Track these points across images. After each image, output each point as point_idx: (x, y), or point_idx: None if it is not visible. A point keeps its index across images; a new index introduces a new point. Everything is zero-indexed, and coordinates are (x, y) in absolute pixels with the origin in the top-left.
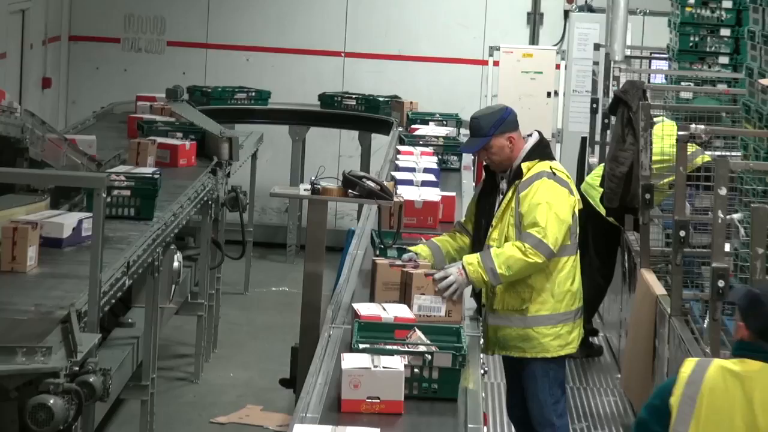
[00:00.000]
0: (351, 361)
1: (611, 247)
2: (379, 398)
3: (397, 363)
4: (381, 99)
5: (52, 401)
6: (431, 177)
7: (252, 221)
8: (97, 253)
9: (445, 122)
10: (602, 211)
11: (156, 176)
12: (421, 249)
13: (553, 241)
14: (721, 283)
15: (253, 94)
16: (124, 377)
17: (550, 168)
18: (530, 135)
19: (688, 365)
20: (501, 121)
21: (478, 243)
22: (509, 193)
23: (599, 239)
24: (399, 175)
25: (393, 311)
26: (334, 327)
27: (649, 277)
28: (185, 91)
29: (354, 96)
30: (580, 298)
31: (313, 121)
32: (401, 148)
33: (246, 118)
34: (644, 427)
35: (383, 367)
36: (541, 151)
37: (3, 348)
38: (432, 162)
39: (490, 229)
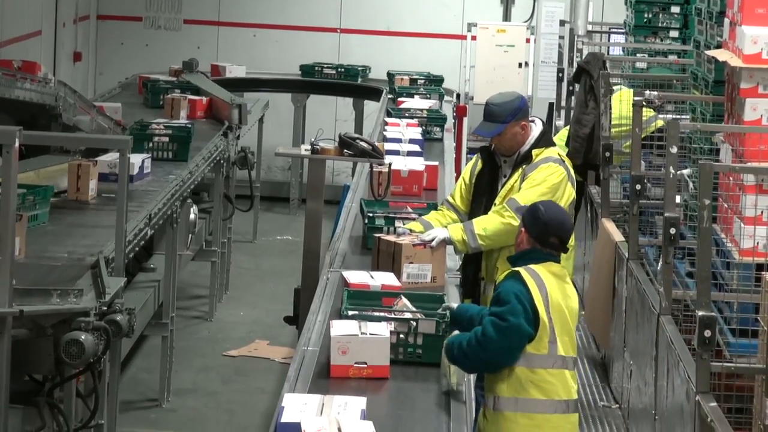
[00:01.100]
0: (339, 328)
1: (576, 199)
2: (366, 363)
3: (383, 329)
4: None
5: (83, 337)
6: (416, 147)
7: (259, 178)
8: (122, 206)
9: (428, 95)
10: None
11: (189, 126)
12: (414, 225)
13: None
14: (672, 231)
15: (342, 70)
16: (147, 316)
17: (558, 155)
18: (533, 121)
19: (524, 273)
20: (518, 110)
21: (475, 212)
22: (515, 176)
23: None
24: (387, 146)
25: (380, 279)
26: (331, 271)
27: (609, 225)
28: (198, 63)
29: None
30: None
31: (313, 89)
32: (389, 120)
33: (253, 87)
34: (518, 329)
35: (370, 334)
36: (548, 138)
37: (40, 290)
38: (417, 133)
39: (493, 207)
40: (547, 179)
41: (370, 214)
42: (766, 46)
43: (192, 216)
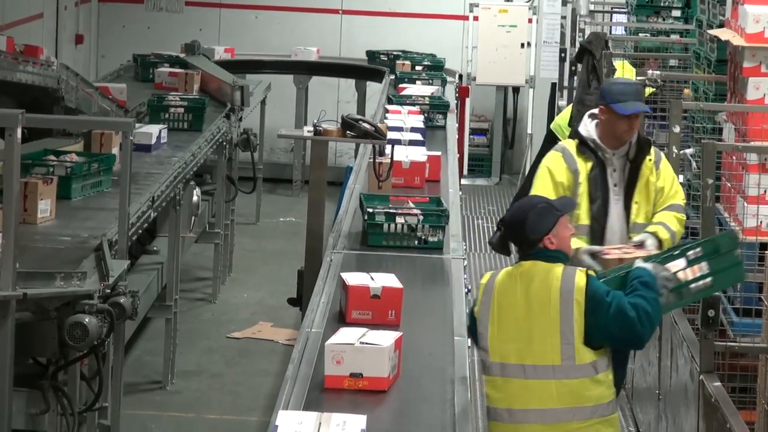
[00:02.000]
0: (334, 335)
1: None
2: (362, 375)
3: (381, 339)
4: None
5: (87, 320)
6: (418, 136)
7: (262, 160)
8: (125, 189)
9: (431, 81)
10: None
11: (203, 98)
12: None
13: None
14: None
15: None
16: (151, 298)
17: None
18: None
19: (485, 278)
20: None
21: (602, 217)
22: (646, 168)
23: None
24: (388, 135)
25: (381, 281)
26: (334, 252)
27: None
28: (201, 45)
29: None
30: None
31: (315, 70)
32: (389, 107)
33: (256, 69)
34: (470, 330)
35: (367, 343)
36: None
37: (43, 273)
38: (418, 121)
39: (635, 206)
40: (671, 169)
41: (370, 210)
42: None
43: (195, 198)
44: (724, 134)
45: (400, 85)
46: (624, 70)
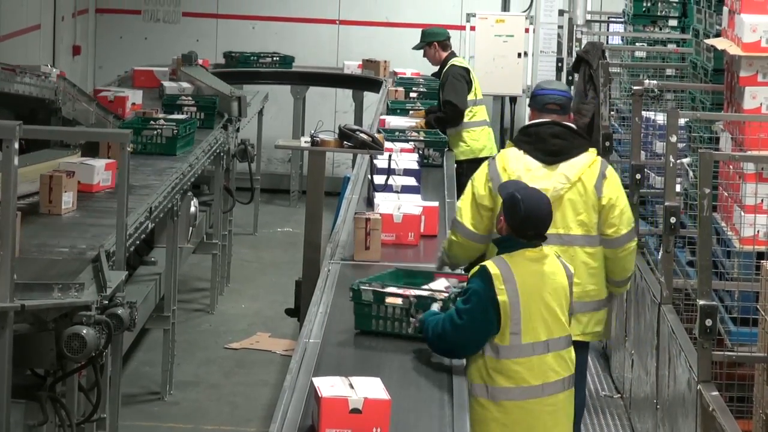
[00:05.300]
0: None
1: None
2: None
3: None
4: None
5: (84, 331)
6: (412, 180)
7: (259, 170)
8: (123, 199)
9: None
10: None
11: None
12: None
13: (465, 218)
14: (672, 220)
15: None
16: (148, 309)
17: None
18: None
19: (492, 268)
20: None
21: None
22: None
23: None
24: (376, 179)
25: (363, 390)
26: (332, 263)
27: None
28: (198, 56)
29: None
30: None
31: (312, 81)
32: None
33: (253, 79)
34: (468, 330)
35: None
36: None
37: (41, 284)
38: (412, 160)
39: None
40: None
41: (356, 288)
42: (765, 34)
43: (192, 209)
44: (721, 143)
45: (381, 117)
46: None
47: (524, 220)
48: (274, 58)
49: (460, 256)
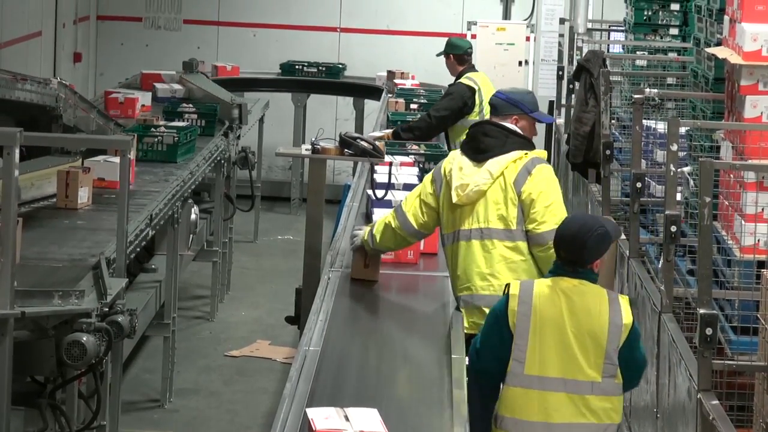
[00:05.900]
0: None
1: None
2: None
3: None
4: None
5: (85, 338)
6: None
7: (260, 178)
8: (123, 207)
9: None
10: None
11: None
12: None
13: (408, 208)
14: (673, 228)
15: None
16: (149, 316)
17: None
18: None
19: (514, 287)
20: None
21: None
22: None
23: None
24: (375, 194)
25: (359, 422)
26: (332, 270)
27: None
28: (199, 63)
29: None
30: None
31: (313, 88)
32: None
33: (253, 87)
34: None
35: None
36: None
37: (41, 292)
38: (412, 175)
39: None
40: None
41: None
42: (766, 43)
43: (193, 216)
44: (721, 152)
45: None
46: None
47: (558, 238)
48: (320, 68)
49: (389, 240)
